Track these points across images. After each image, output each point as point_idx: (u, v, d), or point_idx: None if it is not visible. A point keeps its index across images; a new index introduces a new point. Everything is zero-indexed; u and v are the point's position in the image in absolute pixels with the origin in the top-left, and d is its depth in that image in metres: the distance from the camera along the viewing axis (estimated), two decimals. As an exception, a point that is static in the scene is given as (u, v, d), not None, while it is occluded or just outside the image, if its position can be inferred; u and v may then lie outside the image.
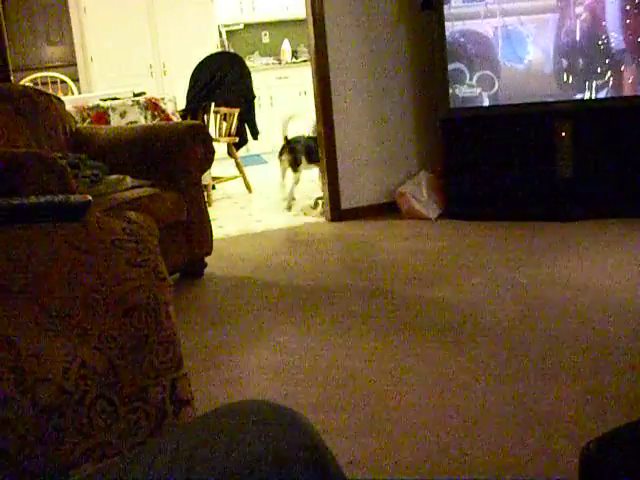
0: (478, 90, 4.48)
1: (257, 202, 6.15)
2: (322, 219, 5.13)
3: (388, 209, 4.99)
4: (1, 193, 1.26)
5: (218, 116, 6.39)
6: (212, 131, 6.09)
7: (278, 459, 0.72)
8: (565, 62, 4.32)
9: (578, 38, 4.26)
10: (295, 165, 5.39)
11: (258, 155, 8.59)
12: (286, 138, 5.52)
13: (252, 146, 7.77)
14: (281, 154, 5.52)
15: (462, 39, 4.45)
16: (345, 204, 5.03)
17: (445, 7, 4.43)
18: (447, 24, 4.45)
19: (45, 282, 1.11)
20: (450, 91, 4.51)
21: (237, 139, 6.58)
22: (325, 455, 0.76)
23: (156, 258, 1.24)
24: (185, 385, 1.17)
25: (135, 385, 1.12)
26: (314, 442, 0.76)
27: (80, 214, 1.23)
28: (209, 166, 4.03)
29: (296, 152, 5.40)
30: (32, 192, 1.28)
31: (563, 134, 4.32)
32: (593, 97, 4.30)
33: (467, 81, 4.48)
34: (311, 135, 5.59)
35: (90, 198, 1.23)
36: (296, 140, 5.53)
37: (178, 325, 1.25)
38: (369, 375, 2.58)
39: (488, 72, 4.45)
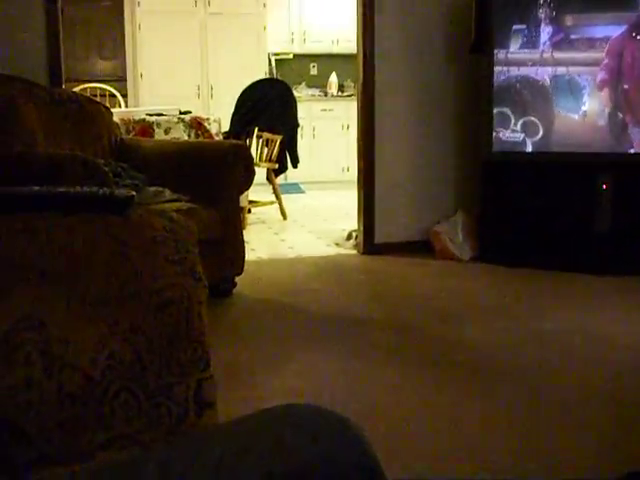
0: (522, 135, 4.46)
1: (291, 229, 6.16)
2: (354, 251, 5.12)
3: (421, 247, 4.97)
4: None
5: (260, 141, 6.43)
6: (253, 155, 6.14)
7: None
8: (618, 115, 4.30)
9: (631, 94, 4.24)
10: None
11: (296, 184, 8.63)
12: None
13: (291, 174, 7.80)
14: None
15: (517, 84, 4.44)
16: (379, 238, 5.02)
17: (501, 51, 4.42)
18: (502, 68, 4.44)
19: (82, 269, 1.12)
20: (494, 134, 4.50)
21: (277, 165, 6.62)
22: (381, 475, 0.66)
23: (194, 258, 1.25)
24: (210, 387, 1.17)
25: (160, 381, 1.11)
26: (370, 461, 0.66)
27: (123, 208, 1.24)
28: (248, 187, 4.05)
29: None
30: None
31: (604, 187, 4.28)
32: (636, 152, 4.27)
33: (511, 126, 4.47)
34: None
35: (134, 193, 1.24)
36: None
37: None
38: (387, 408, 2.55)
39: (532, 118, 4.43)
